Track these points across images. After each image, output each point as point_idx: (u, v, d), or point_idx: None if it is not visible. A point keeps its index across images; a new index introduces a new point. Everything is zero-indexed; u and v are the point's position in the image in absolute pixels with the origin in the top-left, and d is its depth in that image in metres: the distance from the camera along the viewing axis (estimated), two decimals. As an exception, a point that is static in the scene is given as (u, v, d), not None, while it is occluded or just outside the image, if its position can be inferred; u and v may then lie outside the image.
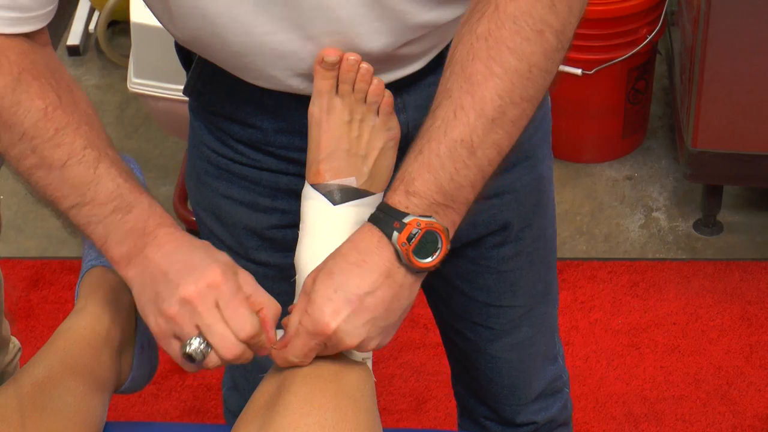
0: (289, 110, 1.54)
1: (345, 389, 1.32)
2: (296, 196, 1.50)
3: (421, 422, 2.54)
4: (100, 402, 1.43)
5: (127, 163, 1.64)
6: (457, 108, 1.33)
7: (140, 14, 2.68)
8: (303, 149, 1.48)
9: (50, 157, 1.43)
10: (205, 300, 1.31)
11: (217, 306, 1.32)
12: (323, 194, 1.44)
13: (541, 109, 1.57)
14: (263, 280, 1.43)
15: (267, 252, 1.60)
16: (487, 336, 1.80)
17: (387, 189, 1.47)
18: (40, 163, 1.45)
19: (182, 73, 2.71)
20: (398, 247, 1.30)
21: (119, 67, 3.61)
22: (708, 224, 3.10)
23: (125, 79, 2.79)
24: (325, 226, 1.44)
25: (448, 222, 1.34)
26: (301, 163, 1.48)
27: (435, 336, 2.03)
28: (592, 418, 2.43)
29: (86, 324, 1.46)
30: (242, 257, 1.62)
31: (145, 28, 2.68)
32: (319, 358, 1.33)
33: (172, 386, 2.72)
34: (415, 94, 1.55)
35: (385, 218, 1.33)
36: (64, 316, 1.51)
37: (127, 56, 2.88)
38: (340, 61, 1.41)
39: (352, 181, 1.44)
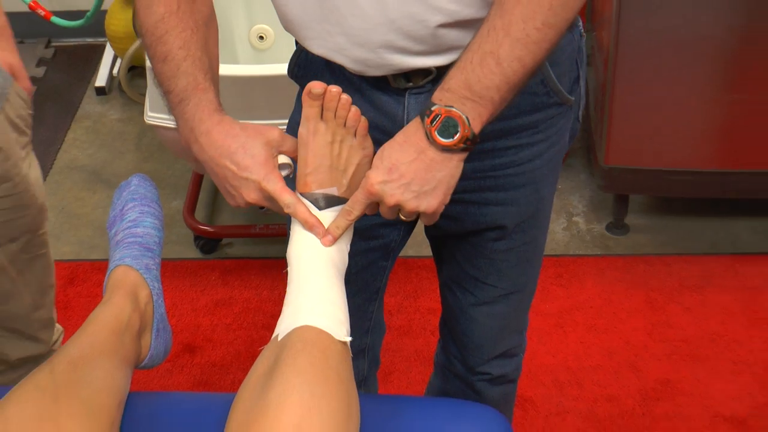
0: (365, 100, 1.58)
1: (330, 363, 1.32)
2: None
3: (388, 391, 2.54)
4: (124, 376, 1.43)
5: (141, 183, 1.64)
6: (490, 28, 1.37)
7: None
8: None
9: (157, 52, 1.51)
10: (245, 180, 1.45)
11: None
12: (310, 201, 1.45)
13: (552, 146, 1.66)
14: None
15: None
16: (470, 300, 1.82)
17: None
18: (152, 55, 1.53)
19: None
20: (426, 127, 1.36)
21: (137, 104, 3.62)
22: (618, 226, 3.12)
23: (142, 113, 2.78)
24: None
25: (473, 113, 1.37)
26: None
27: (398, 321, 2.05)
28: (526, 384, 2.44)
29: (111, 313, 1.46)
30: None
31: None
32: (308, 337, 1.34)
33: (184, 363, 2.72)
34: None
35: (423, 108, 1.37)
36: (95, 307, 1.52)
37: (144, 95, 2.87)
38: (324, 93, 1.42)
39: (333, 191, 1.45)
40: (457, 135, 1.37)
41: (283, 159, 1.47)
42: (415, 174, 1.38)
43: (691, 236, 3.09)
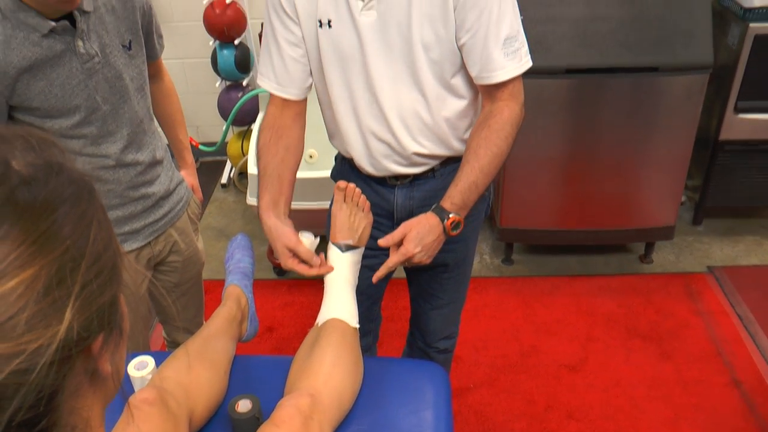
0: (372, 190, 1.59)
1: (347, 339, 1.32)
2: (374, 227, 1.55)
3: (380, 354, 2.52)
4: (232, 346, 1.42)
5: (243, 238, 1.64)
6: (472, 167, 1.40)
7: (253, 169, 2.69)
8: (372, 206, 1.53)
9: (258, 165, 1.51)
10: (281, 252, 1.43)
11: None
12: (338, 247, 1.44)
13: (475, 221, 1.66)
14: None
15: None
16: (428, 307, 1.81)
17: (391, 223, 1.59)
18: (257, 164, 1.52)
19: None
20: (445, 226, 1.39)
21: (243, 193, 3.62)
22: (507, 260, 3.09)
23: (245, 198, 2.78)
24: (338, 261, 1.44)
25: (462, 215, 1.41)
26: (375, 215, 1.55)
27: (386, 313, 2.03)
28: (457, 348, 2.41)
29: (226, 311, 1.46)
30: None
31: (254, 176, 2.68)
32: (335, 324, 1.33)
33: (266, 337, 2.69)
34: (420, 192, 1.58)
35: (441, 213, 1.39)
36: (218, 306, 1.51)
37: (246, 188, 2.87)
38: (346, 187, 1.45)
39: (350, 242, 1.44)
40: (459, 228, 1.41)
41: (305, 237, 1.47)
42: (431, 247, 1.40)
43: (546, 266, 3.07)
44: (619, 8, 2.47)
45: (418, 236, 1.38)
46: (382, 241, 1.38)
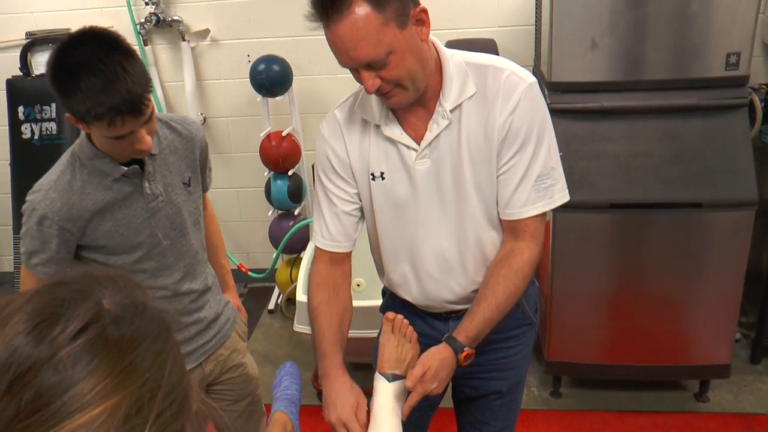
0: (425, 323, 1.60)
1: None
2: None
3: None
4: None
5: (291, 366, 1.67)
6: (488, 303, 1.43)
7: (302, 296, 2.74)
8: (425, 337, 1.55)
9: (314, 324, 1.53)
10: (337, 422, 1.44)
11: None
12: (384, 377, 1.47)
13: (526, 347, 1.68)
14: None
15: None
16: None
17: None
18: (311, 324, 1.54)
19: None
20: (459, 359, 1.42)
21: (290, 319, 3.67)
22: (555, 393, 3.04)
23: (292, 324, 2.84)
24: (384, 391, 1.46)
25: (474, 347, 1.41)
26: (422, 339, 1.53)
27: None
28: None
29: (273, 436, 1.47)
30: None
31: (301, 303, 2.73)
32: None
33: (309, 467, 2.65)
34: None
35: (455, 346, 1.42)
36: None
37: (294, 314, 2.92)
38: (394, 319, 1.49)
39: (397, 372, 1.47)
40: (470, 360, 1.44)
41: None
42: (445, 379, 1.43)
43: (596, 400, 3.00)
44: (660, 144, 2.56)
45: (435, 373, 1.42)
46: (409, 384, 1.42)
